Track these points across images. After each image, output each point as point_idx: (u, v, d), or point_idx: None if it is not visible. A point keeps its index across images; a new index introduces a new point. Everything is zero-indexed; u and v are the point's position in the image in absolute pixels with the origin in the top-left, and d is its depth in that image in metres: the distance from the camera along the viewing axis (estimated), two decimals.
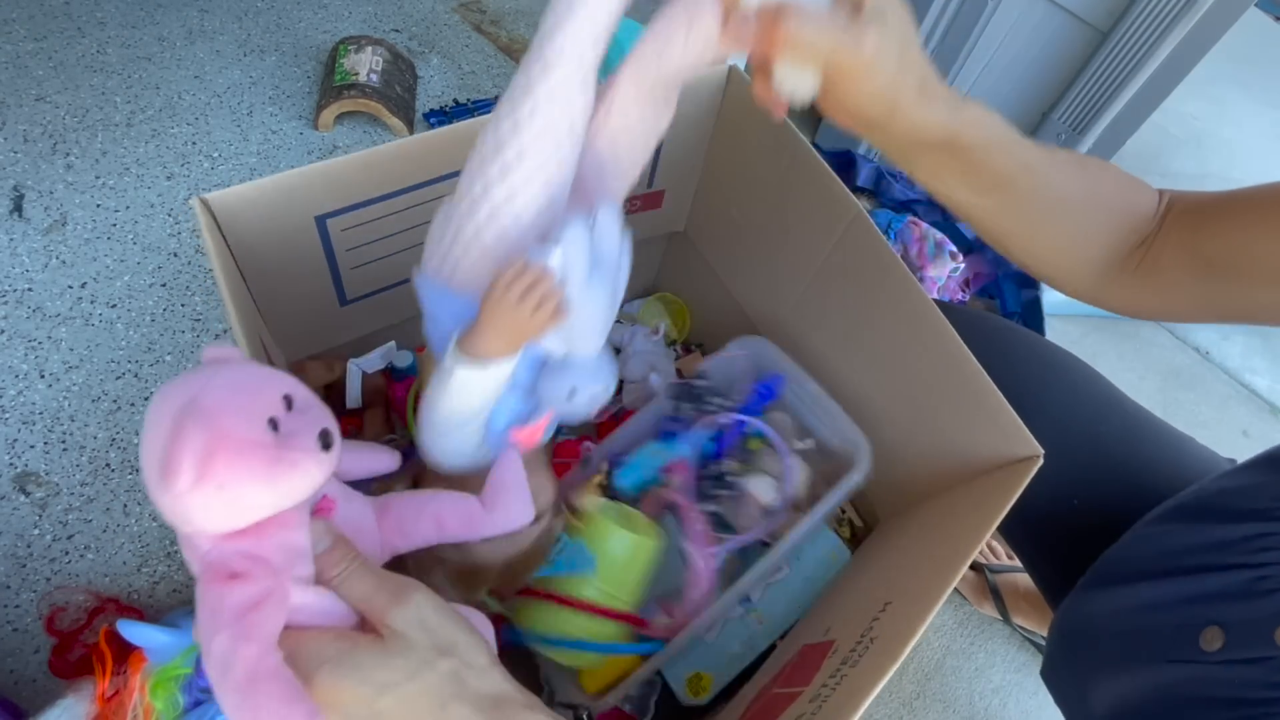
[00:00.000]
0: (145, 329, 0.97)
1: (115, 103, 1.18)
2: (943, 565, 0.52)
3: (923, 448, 0.70)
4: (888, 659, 0.45)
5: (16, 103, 1.13)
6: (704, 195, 0.86)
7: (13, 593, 0.78)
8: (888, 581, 0.61)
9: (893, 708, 0.88)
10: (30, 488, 0.84)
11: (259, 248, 0.61)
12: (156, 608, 0.79)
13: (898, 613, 0.51)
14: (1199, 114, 1.27)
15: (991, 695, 0.91)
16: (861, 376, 0.75)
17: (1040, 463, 0.57)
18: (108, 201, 1.07)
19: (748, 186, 0.80)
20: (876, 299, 0.68)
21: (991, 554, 0.99)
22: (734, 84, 0.74)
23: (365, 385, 0.86)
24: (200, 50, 1.29)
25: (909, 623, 0.47)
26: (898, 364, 0.69)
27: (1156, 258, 0.45)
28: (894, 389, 0.72)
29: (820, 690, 0.50)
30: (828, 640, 0.58)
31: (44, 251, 1.00)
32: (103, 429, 0.89)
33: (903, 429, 0.73)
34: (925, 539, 0.65)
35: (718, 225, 0.87)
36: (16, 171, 1.06)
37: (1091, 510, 0.63)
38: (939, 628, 0.94)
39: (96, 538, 0.82)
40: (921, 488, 0.72)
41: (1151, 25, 1.04)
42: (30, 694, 0.73)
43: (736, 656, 0.73)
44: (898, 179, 1.30)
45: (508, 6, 1.51)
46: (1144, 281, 0.46)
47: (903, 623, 0.48)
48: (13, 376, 0.90)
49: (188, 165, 1.13)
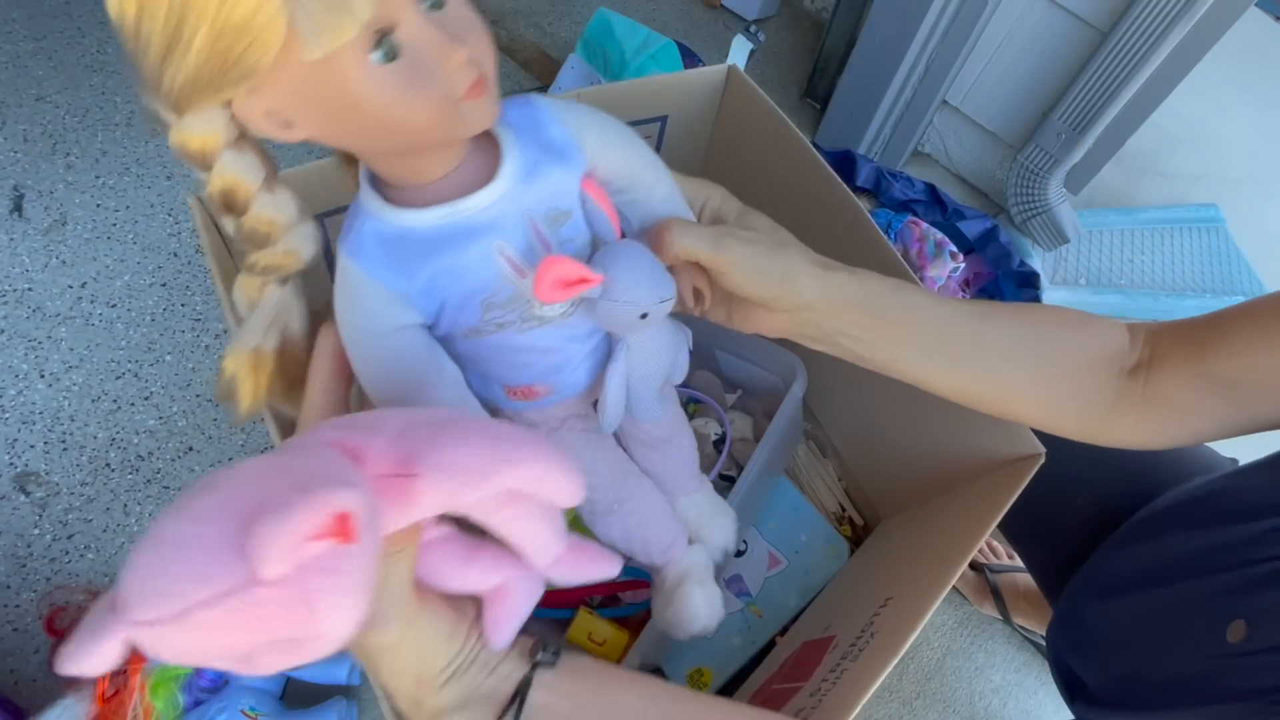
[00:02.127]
0: (145, 329, 0.97)
1: (115, 102, 1.18)
2: (944, 562, 0.52)
3: (924, 446, 0.70)
4: (888, 653, 0.45)
5: (16, 103, 1.13)
6: None
7: (13, 593, 0.78)
8: (888, 578, 0.61)
9: (893, 707, 0.88)
10: (30, 488, 0.84)
11: None
12: None
13: (898, 608, 0.51)
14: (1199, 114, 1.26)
15: (991, 695, 0.91)
16: (862, 376, 0.75)
17: (1042, 461, 0.57)
18: (108, 201, 1.07)
19: (747, 186, 0.79)
20: None
21: (992, 554, 0.99)
22: (733, 84, 0.74)
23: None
24: None
25: (909, 618, 0.47)
26: None
27: (1161, 388, 0.45)
28: (895, 388, 0.72)
29: (820, 685, 0.50)
30: (828, 636, 0.58)
31: (44, 251, 1.00)
32: (103, 429, 0.89)
33: (904, 427, 0.73)
34: (926, 536, 0.65)
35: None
36: (16, 171, 1.06)
37: (1093, 508, 0.63)
38: (939, 627, 0.94)
39: (96, 538, 0.82)
40: (923, 486, 0.72)
41: (1151, 25, 1.04)
42: (30, 694, 0.73)
43: (736, 650, 0.73)
44: (898, 179, 1.30)
45: (508, 6, 1.51)
46: (1155, 413, 0.45)
47: (903, 618, 0.48)
48: (13, 376, 0.90)
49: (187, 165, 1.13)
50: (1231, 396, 0.43)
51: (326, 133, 0.31)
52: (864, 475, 0.84)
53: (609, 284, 0.38)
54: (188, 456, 0.89)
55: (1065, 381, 0.46)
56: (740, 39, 1.42)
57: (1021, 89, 1.26)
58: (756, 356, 0.77)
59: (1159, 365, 0.45)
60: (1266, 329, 0.42)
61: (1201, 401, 0.44)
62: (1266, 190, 1.33)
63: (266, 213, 0.33)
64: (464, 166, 0.35)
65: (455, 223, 0.35)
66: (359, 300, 0.36)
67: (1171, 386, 0.45)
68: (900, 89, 1.33)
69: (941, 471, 0.69)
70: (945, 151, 1.47)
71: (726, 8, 1.71)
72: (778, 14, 1.74)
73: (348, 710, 0.72)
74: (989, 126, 1.34)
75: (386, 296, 0.36)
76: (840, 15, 1.41)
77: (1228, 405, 0.44)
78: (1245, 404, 0.44)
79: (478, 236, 0.35)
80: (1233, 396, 0.43)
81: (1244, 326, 0.43)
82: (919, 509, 0.73)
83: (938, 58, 1.27)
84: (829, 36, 1.44)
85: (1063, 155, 1.21)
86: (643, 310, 0.39)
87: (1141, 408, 0.45)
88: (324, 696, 0.72)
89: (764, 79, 1.59)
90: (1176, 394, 0.44)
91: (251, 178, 0.32)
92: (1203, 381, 0.44)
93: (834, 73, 1.44)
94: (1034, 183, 1.26)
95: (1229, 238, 1.34)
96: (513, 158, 0.36)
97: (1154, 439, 0.47)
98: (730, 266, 0.41)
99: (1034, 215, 1.28)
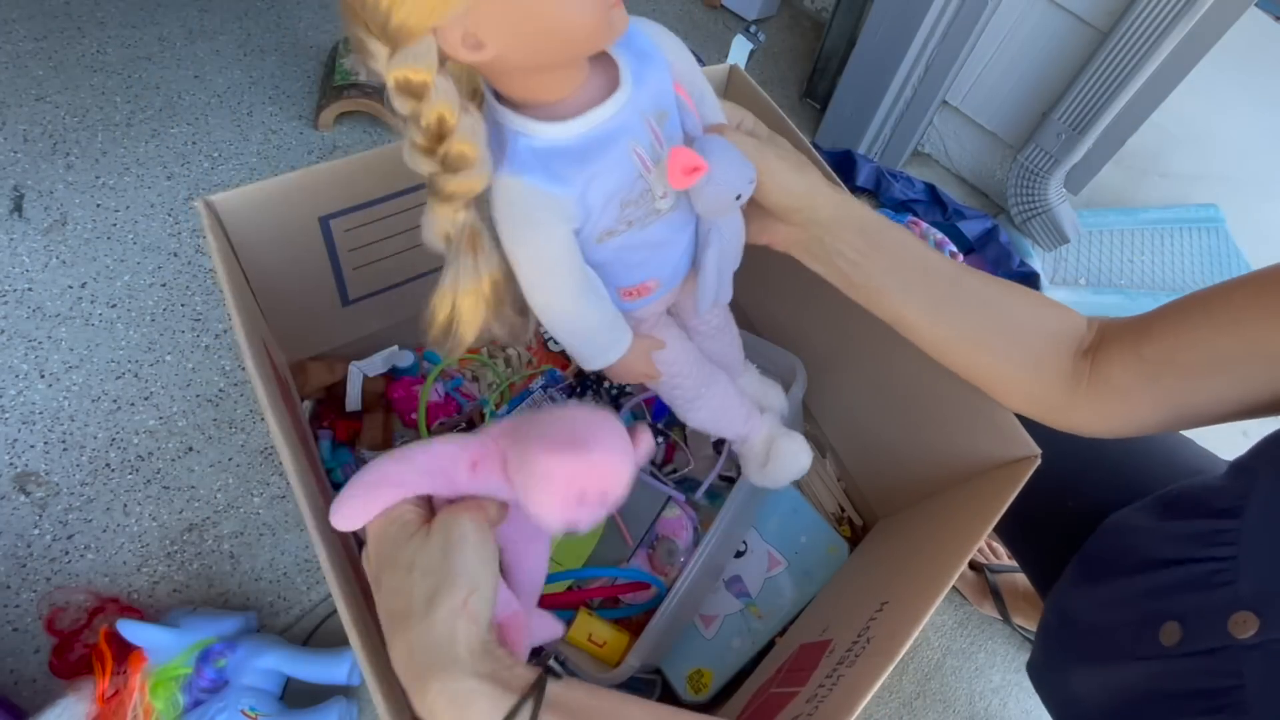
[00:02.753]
0: (145, 329, 0.97)
1: (115, 103, 1.18)
2: (939, 566, 0.52)
3: (921, 448, 0.70)
4: (884, 660, 0.45)
5: (16, 103, 1.13)
6: None
7: (13, 593, 0.78)
8: (885, 582, 0.61)
9: (893, 708, 0.88)
10: (30, 488, 0.84)
11: (262, 248, 0.61)
12: (156, 608, 0.79)
13: (894, 613, 0.51)
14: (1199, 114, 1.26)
15: (991, 695, 0.91)
16: (861, 375, 0.75)
17: (1038, 463, 0.57)
18: (108, 201, 1.07)
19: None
20: None
21: (992, 554, 0.99)
22: (734, 83, 0.74)
23: (366, 388, 0.86)
24: (200, 50, 1.29)
25: (905, 624, 0.47)
26: (897, 364, 0.69)
27: (1103, 368, 0.47)
28: (893, 389, 0.72)
29: (817, 691, 0.50)
30: (825, 639, 0.58)
31: (44, 251, 1.00)
32: (103, 429, 0.89)
33: (901, 429, 0.73)
34: (923, 539, 0.65)
35: None
36: (16, 171, 1.06)
37: (1087, 512, 0.63)
38: (939, 627, 0.95)
39: (96, 538, 0.82)
40: (920, 487, 0.72)
41: (1151, 25, 1.04)
42: (30, 694, 0.73)
43: (736, 652, 0.73)
44: (897, 179, 1.30)
45: None
46: (1102, 396, 0.48)
47: (899, 624, 0.48)
48: (13, 376, 0.90)
49: (188, 165, 1.13)
50: (1161, 380, 0.46)
51: (510, 46, 0.35)
52: (862, 476, 0.84)
53: (712, 171, 0.42)
54: (188, 456, 0.89)
55: (1030, 343, 0.49)
56: (740, 39, 1.42)
57: (1021, 89, 1.26)
58: (756, 357, 0.77)
59: (1104, 347, 0.48)
60: (1190, 314, 0.45)
61: (1137, 385, 0.46)
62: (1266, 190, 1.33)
63: (469, 135, 0.36)
64: (590, 81, 0.40)
65: (596, 130, 0.39)
66: (531, 210, 0.39)
67: (1112, 368, 0.47)
68: (900, 89, 1.33)
69: (939, 473, 0.69)
70: (945, 151, 1.46)
71: (726, 8, 1.70)
72: (778, 14, 1.74)
73: (348, 710, 0.72)
74: (989, 126, 1.34)
75: (555, 205, 0.39)
76: (840, 15, 1.41)
77: (1158, 389, 0.46)
78: (1173, 389, 0.46)
79: (616, 139, 0.40)
80: (1161, 380, 0.46)
81: (1172, 313, 0.46)
82: (916, 510, 0.73)
83: (938, 58, 1.27)
84: (829, 36, 1.44)
85: (1063, 155, 1.21)
86: (738, 191, 0.44)
87: (1090, 389, 0.48)
88: (324, 696, 0.72)
89: (764, 79, 1.59)
90: (1115, 375, 0.47)
91: (456, 102, 0.35)
92: (1136, 364, 0.46)
93: (834, 73, 1.44)
94: (1034, 183, 1.26)
95: (1229, 238, 1.34)
96: (627, 68, 0.40)
97: (1103, 423, 0.49)
98: (766, 175, 0.47)
99: (1034, 215, 1.28)
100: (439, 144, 0.36)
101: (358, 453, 0.84)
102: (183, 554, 0.83)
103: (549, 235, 0.40)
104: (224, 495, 0.87)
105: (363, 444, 0.85)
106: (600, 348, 0.47)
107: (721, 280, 0.51)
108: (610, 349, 0.47)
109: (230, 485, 0.88)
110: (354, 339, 0.83)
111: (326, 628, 0.80)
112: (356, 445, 0.85)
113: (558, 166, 0.38)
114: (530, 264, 0.41)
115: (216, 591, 0.81)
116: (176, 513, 0.85)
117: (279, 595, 0.82)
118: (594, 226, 0.42)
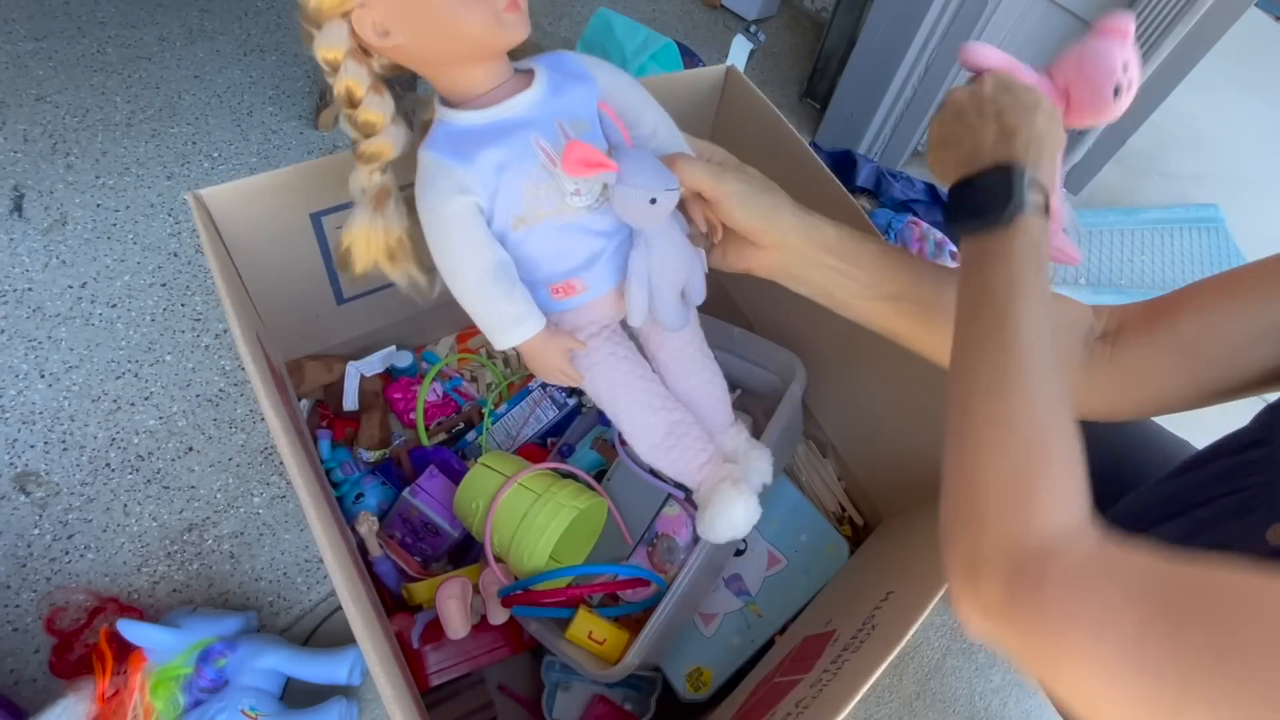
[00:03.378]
0: (145, 329, 0.97)
1: (115, 102, 1.18)
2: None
3: (924, 446, 0.70)
4: (889, 644, 0.45)
5: (16, 103, 1.13)
6: None
7: (13, 593, 0.78)
8: (890, 574, 0.61)
9: (893, 707, 0.88)
10: (30, 488, 0.84)
11: (255, 244, 0.61)
12: (156, 608, 0.79)
13: (899, 601, 0.51)
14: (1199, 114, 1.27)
15: (992, 695, 0.91)
16: (862, 375, 0.75)
17: None
18: (108, 201, 1.07)
19: None
20: None
21: None
22: (732, 84, 0.74)
23: (363, 388, 0.86)
24: (200, 50, 1.29)
25: (911, 610, 0.47)
26: (898, 361, 0.69)
27: (1124, 350, 0.48)
28: (895, 387, 0.72)
29: (821, 676, 0.50)
30: (829, 630, 0.58)
31: (44, 251, 1.00)
32: (103, 429, 0.89)
33: (905, 427, 0.73)
34: (927, 534, 0.65)
35: None
36: (16, 171, 1.06)
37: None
38: (940, 627, 0.94)
39: (96, 538, 0.82)
40: (923, 486, 0.72)
41: (1151, 25, 1.04)
42: (30, 694, 0.73)
43: (735, 650, 0.73)
44: (897, 179, 1.30)
45: None
46: (1123, 376, 0.48)
47: (904, 610, 0.48)
48: (13, 376, 0.90)
49: (188, 165, 1.13)
50: (1175, 358, 0.46)
51: (410, 36, 0.43)
52: (864, 475, 0.84)
53: (622, 172, 0.46)
54: (188, 456, 0.89)
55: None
56: (740, 39, 1.42)
57: None
58: (756, 356, 0.77)
59: (1123, 332, 0.48)
60: (1202, 293, 0.46)
61: (1156, 365, 0.47)
62: (1266, 190, 1.33)
63: (375, 109, 0.45)
64: (508, 83, 0.47)
65: (502, 119, 0.47)
66: (434, 180, 0.46)
67: (1131, 350, 0.48)
68: (900, 89, 1.33)
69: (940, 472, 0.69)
70: None
71: (726, 8, 1.71)
72: (778, 14, 1.74)
73: (348, 710, 0.72)
74: None
75: (453, 173, 0.46)
76: (840, 15, 1.41)
77: (1174, 368, 0.47)
78: (1186, 366, 0.46)
79: (519, 129, 0.46)
80: (1175, 358, 0.46)
81: (1185, 293, 0.47)
82: (919, 509, 0.73)
83: (938, 58, 1.27)
84: (829, 36, 1.44)
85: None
86: (652, 195, 0.46)
87: (1111, 372, 0.48)
88: (324, 696, 0.72)
89: (764, 79, 1.59)
90: (1134, 358, 0.48)
91: (363, 81, 0.45)
92: (1152, 346, 0.47)
93: (834, 73, 1.44)
94: None
95: (1229, 238, 1.34)
96: (542, 77, 0.48)
97: (1124, 404, 0.49)
98: (727, 198, 0.49)
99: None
100: (352, 110, 0.45)
101: (355, 452, 0.84)
102: (183, 554, 0.83)
103: (445, 200, 0.46)
104: (224, 495, 0.87)
105: (360, 443, 0.85)
106: (501, 325, 0.50)
107: (660, 297, 0.53)
108: (512, 329, 0.50)
109: (230, 485, 0.88)
110: (349, 338, 0.83)
111: (326, 628, 0.80)
112: (354, 445, 0.85)
113: (463, 145, 0.46)
114: (430, 226, 0.48)
115: (216, 591, 0.81)
116: (176, 513, 0.85)
117: (279, 595, 0.82)
118: (504, 208, 0.47)
